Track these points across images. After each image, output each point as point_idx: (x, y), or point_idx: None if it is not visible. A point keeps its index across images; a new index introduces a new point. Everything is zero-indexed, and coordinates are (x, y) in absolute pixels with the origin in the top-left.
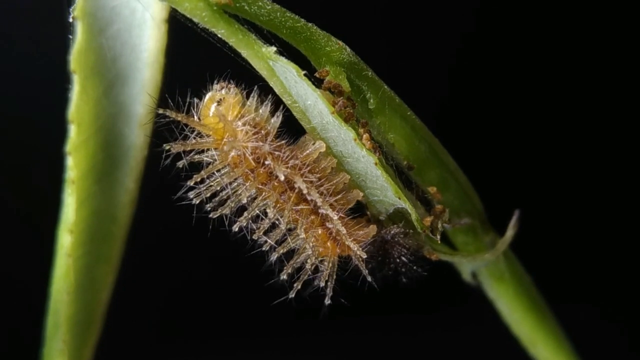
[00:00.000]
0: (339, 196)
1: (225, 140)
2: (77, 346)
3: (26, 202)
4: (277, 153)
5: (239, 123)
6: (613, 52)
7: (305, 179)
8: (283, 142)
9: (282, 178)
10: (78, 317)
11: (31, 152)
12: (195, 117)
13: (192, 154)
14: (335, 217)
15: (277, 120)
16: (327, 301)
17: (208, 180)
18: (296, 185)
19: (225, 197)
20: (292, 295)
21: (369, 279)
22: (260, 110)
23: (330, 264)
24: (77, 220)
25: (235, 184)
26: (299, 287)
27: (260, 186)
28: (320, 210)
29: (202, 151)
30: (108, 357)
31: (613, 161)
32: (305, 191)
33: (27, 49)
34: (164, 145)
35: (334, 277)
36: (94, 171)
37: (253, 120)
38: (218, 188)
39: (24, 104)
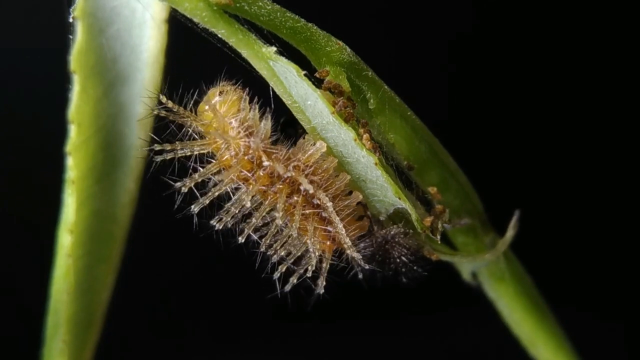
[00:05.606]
0: (344, 202)
1: (222, 137)
2: (77, 346)
3: (26, 202)
4: (276, 153)
5: (234, 123)
6: (613, 52)
7: (310, 179)
8: (285, 149)
9: (286, 174)
10: (78, 317)
11: (31, 152)
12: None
13: (193, 162)
14: (340, 224)
15: (267, 122)
16: (321, 290)
17: (212, 189)
18: (301, 187)
19: (230, 207)
20: (288, 289)
21: (368, 279)
22: (250, 113)
23: (325, 261)
24: (77, 220)
25: (239, 193)
26: (295, 281)
27: (263, 188)
28: (324, 214)
29: (203, 162)
30: (108, 357)
31: (613, 161)
32: (311, 191)
33: (27, 50)
34: (155, 145)
35: (326, 272)
36: (94, 171)
37: (247, 120)
38: (232, 203)
39: (24, 104)
